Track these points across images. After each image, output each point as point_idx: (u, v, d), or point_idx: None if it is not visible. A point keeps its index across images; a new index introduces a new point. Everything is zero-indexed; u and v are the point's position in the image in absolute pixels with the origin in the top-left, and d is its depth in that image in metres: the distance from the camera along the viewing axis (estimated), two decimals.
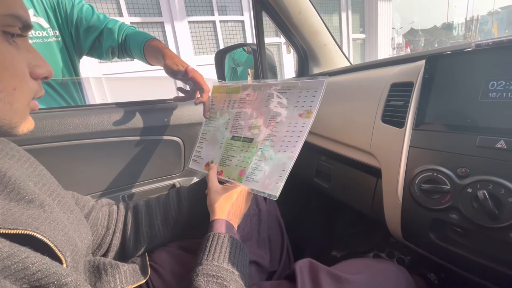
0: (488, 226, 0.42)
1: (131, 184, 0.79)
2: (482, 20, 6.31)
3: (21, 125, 0.34)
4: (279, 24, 0.92)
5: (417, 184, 0.51)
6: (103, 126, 0.70)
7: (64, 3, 0.88)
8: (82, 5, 0.90)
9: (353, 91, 0.75)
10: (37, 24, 0.83)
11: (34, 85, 0.34)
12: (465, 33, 5.96)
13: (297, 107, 0.55)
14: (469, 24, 5.88)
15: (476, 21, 5.99)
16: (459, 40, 6.04)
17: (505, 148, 0.41)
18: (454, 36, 5.90)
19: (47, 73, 0.35)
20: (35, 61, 0.34)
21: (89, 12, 0.90)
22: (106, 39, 0.90)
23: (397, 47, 4.61)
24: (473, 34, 6.03)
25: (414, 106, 0.54)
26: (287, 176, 0.50)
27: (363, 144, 0.66)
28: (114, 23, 0.92)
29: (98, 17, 0.90)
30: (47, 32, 0.86)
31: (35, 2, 0.84)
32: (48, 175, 0.45)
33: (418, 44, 5.28)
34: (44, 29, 0.85)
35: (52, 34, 0.87)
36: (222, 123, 0.67)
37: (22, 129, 0.34)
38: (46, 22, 0.86)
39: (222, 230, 0.49)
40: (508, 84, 0.42)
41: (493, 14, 6.92)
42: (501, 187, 0.40)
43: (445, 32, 6.25)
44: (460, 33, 5.92)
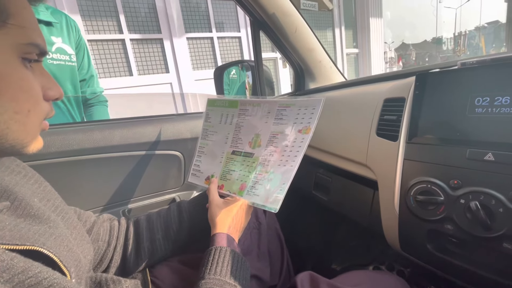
0: (481, 236, 0.43)
1: (132, 199, 0.79)
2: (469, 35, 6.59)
3: (32, 145, 0.35)
4: (275, 42, 0.96)
5: (412, 195, 0.52)
6: (105, 142, 0.71)
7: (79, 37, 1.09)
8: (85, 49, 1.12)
9: (349, 106, 0.78)
10: (63, 50, 1.01)
11: (46, 106, 0.36)
12: (454, 48, 6.20)
13: (296, 123, 0.58)
14: (457, 39, 6.13)
15: (464, 36, 6.25)
16: (449, 54, 6.27)
17: (493, 160, 0.43)
18: (444, 50, 6.13)
19: (58, 95, 0.37)
20: (48, 83, 0.36)
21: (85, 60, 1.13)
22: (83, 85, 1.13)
23: (389, 61, 4.76)
24: (462, 49, 6.27)
25: (407, 120, 0.57)
26: (287, 189, 0.52)
27: (359, 157, 0.68)
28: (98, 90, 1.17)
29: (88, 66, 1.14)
30: (70, 57, 1.03)
31: (65, 33, 1.03)
32: (52, 191, 0.46)
33: (410, 58, 5.46)
34: (67, 54, 1.02)
35: (73, 60, 1.05)
36: (221, 137, 0.68)
37: (32, 149, 0.35)
38: (71, 49, 1.04)
39: (223, 244, 0.49)
40: (492, 100, 0.45)
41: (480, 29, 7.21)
42: (491, 197, 0.42)
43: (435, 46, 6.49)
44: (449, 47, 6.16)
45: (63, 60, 0.99)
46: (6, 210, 0.33)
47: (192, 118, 0.87)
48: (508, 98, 0.43)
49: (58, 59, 0.98)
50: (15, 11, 0.31)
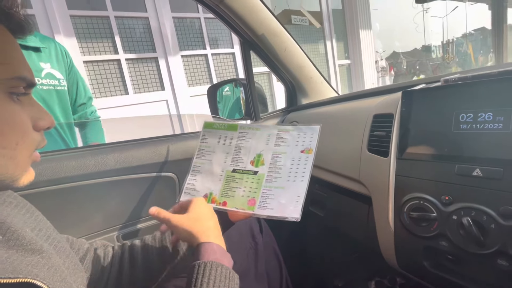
0: (476, 252, 0.43)
1: (127, 223, 0.78)
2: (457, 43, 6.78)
3: (22, 178, 0.34)
4: (266, 61, 0.99)
5: (406, 212, 0.52)
6: (98, 167, 0.71)
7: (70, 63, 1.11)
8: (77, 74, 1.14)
9: (340, 122, 0.79)
10: (52, 75, 1.01)
11: (37, 136, 0.35)
12: (443, 55, 6.37)
13: (298, 145, 0.60)
14: (446, 47, 6.31)
15: (452, 43, 6.44)
16: (439, 62, 6.43)
17: (481, 175, 0.43)
18: (433, 58, 6.29)
19: (49, 124, 0.37)
20: (38, 113, 0.35)
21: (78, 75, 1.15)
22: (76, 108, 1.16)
23: (381, 70, 4.86)
24: (451, 56, 6.43)
25: (396, 136, 0.57)
26: (304, 200, 0.53)
27: (352, 173, 0.69)
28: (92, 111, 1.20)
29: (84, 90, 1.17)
30: (59, 81, 1.04)
31: (53, 58, 1.03)
32: (44, 220, 0.46)
33: (401, 67, 5.59)
34: (57, 79, 1.03)
35: (63, 84, 1.05)
36: (220, 157, 0.68)
37: (23, 182, 0.35)
38: (60, 74, 1.05)
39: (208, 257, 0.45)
40: (476, 116, 0.46)
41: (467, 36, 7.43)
42: (483, 213, 0.42)
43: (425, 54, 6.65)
44: (438, 55, 6.32)
45: (52, 85, 1.01)
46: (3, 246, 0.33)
47: (185, 139, 0.87)
48: (490, 114, 0.44)
49: (48, 84, 0.99)
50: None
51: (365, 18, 4.42)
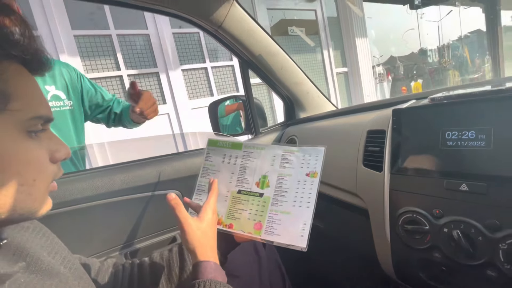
0: (466, 264, 0.45)
1: (134, 241, 0.81)
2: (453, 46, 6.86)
3: (41, 209, 0.36)
4: (264, 78, 1.03)
5: (400, 225, 0.55)
6: (106, 188, 0.74)
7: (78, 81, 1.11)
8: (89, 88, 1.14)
9: (337, 136, 0.83)
10: (56, 96, 1.03)
11: (54, 168, 0.37)
12: (439, 59, 6.44)
13: (303, 167, 0.61)
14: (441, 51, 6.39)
15: (448, 47, 6.52)
16: (435, 66, 6.50)
17: (467, 190, 0.46)
18: (430, 63, 6.36)
19: (65, 156, 0.38)
20: (55, 146, 0.37)
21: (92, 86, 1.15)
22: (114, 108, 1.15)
23: (379, 77, 4.92)
24: (447, 60, 6.50)
25: (388, 152, 0.60)
26: (311, 228, 0.54)
27: (349, 187, 0.71)
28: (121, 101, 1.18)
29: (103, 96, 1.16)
30: (63, 102, 1.05)
31: (57, 79, 1.05)
32: (59, 242, 0.48)
33: (398, 72, 5.66)
34: (61, 100, 1.04)
35: (66, 104, 1.06)
36: (225, 177, 0.68)
37: (41, 212, 0.36)
38: (64, 94, 1.06)
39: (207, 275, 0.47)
40: (460, 134, 0.49)
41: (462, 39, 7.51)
42: (471, 226, 0.45)
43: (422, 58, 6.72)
44: (434, 59, 6.40)
45: (58, 106, 1.03)
46: (23, 272, 0.36)
47: (189, 156, 0.90)
48: (473, 132, 0.47)
49: (54, 106, 1.02)
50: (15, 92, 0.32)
51: (360, 26, 4.52)
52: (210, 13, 0.78)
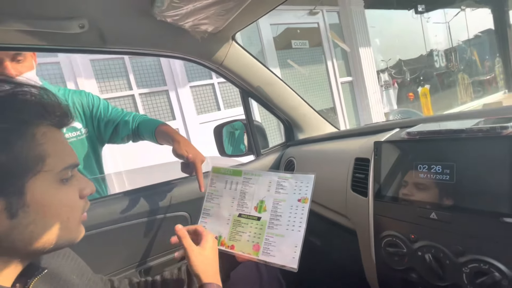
0: (438, 284, 0.51)
1: (147, 259, 0.90)
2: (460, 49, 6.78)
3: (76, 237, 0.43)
4: (263, 105, 1.11)
5: (383, 247, 0.61)
6: (123, 212, 0.83)
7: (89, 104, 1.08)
8: (100, 103, 1.10)
9: (330, 161, 0.90)
10: (73, 128, 1.03)
11: (83, 203, 0.44)
12: (447, 64, 6.37)
13: (295, 193, 0.69)
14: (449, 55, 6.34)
15: (455, 51, 6.46)
16: (443, 71, 6.43)
17: (436, 218, 0.52)
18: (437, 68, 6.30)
19: (91, 191, 0.45)
20: (82, 184, 0.44)
21: (106, 107, 1.10)
22: (122, 129, 1.07)
23: (384, 84, 4.94)
24: (455, 64, 6.44)
25: (372, 179, 0.67)
26: (301, 250, 0.62)
27: (340, 209, 0.78)
28: (128, 115, 1.10)
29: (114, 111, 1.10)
30: (80, 131, 1.05)
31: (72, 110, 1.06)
32: (84, 265, 0.57)
33: (405, 78, 5.64)
34: (77, 130, 1.04)
35: (84, 132, 1.06)
36: (227, 201, 0.76)
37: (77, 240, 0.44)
38: (79, 123, 1.06)
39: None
40: (429, 168, 0.55)
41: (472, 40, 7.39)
42: (440, 251, 0.51)
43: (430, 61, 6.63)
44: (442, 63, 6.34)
45: (75, 137, 1.03)
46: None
47: (194, 181, 0.99)
48: (440, 167, 0.54)
49: (72, 137, 1.02)
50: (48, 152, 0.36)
51: (363, 35, 4.58)
52: (211, 54, 0.88)
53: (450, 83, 6.67)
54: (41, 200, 0.37)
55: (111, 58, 2.90)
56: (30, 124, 0.37)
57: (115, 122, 1.08)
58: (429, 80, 6.22)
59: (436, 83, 6.21)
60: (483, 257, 0.46)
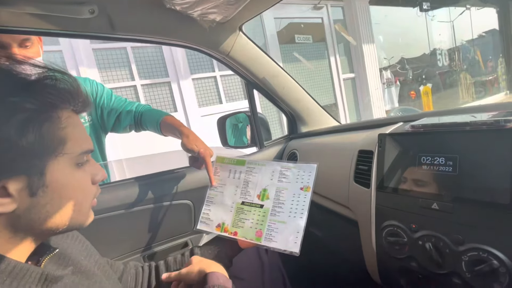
0: (437, 272, 0.53)
1: (151, 245, 0.91)
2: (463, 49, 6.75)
3: (86, 222, 0.46)
4: (268, 97, 1.12)
5: (384, 236, 0.62)
6: (128, 199, 0.85)
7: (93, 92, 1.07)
8: (103, 91, 1.09)
9: (333, 153, 0.91)
10: None
11: (94, 188, 0.46)
12: (450, 63, 6.36)
13: (298, 182, 0.71)
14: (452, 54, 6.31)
15: (458, 50, 6.43)
16: (446, 70, 6.41)
17: (437, 209, 0.54)
18: (440, 67, 6.28)
19: (103, 178, 0.47)
20: (95, 170, 0.45)
21: (109, 95, 1.09)
22: (124, 119, 1.07)
23: (386, 82, 4.93)
24: (458, 63, 6.42)
25: (375, 171, 0.68)
26: (303, 236, 0.64)
27: (342, 200, 0.79)
28: (132, 105, 1.09)
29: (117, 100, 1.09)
30: (84, 119, 1.05)
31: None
32: (91, 247, 0.58)
33: (407, 76, 5.63)
34: (82, 117, 1.02)
35: (87, 120, 1.06)
36: (231, 189, 0.78)
37: (87, 223, 0.46)
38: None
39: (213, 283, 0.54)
40: (433, 160, 0.56)
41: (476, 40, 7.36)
42: (440, 240, 0.52)
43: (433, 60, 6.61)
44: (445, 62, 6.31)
45: None
46: (71, 273, 0.46)
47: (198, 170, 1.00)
48: (443, 158, 0.55)
49: None
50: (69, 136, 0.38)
51: (367, 31, 4.56)
52: (218, 44, 0.88)
53: (452, 82, 6.67)
54: (59, 181, 0.38)
55: (114, 47, 2.89)
56: (57, 107, 0.38)
57: (118, 111, 1.07)
58: (431, 79, 6.21)
59: (438, 82, 6.20)
60: (482, 246, 0.47)
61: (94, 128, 1.10)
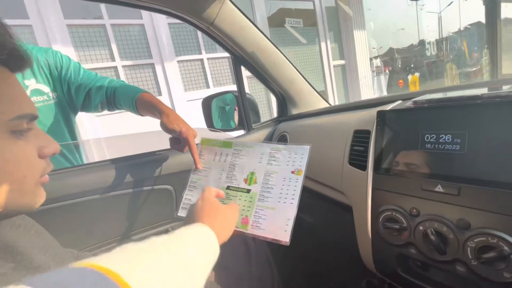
0: (438, 259, 0.48)
1: (128, 234, 0.83)
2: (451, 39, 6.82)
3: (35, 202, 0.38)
4: (256, 74, 1.04)
5: (381, 222, 0.58)
6: (99, 183, 0.76)
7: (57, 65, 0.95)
8: (70, 63, 0.97)
9: (325, 134, 0.85)
10: (38, 91, 0.92)
11: (43, 163, 0.38)
12: (437, 53, 6.42)
13: (289, 165, 0.65)
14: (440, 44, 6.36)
15: (446, 40, 6.49)
16: (433, 59, 6.48)
17: (442, 191, 0.49)
18: (428, 56, 6.33)
19: (54, 151, 0.39)
20: (43, 142, 0.38)
21: (77, 69, 0.98)
22: (95, 95, 0.96)
23: (376, 69, 4.91)
24: (445, 53, 6.50)
25: (372, 152, 0.63)
26: (294, 223, 0.58)
27: (335, 184, 0.74)
28: (103, 80, 0.98)
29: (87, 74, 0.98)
30: (47, 96, 0.94)
31: (36, 71, 0.92)
32: (51, 238, 0.50)
33: (396, 65, 5.64)
34: (44, 94, 0.93)
35: (52, 96, 0.95)
36: (215, 173, 0.72)
37: (36, 205, 0.38)
38: (47, 87, 0.94)
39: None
40: (438, 138, 0.51)
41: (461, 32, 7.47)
42: (443, 225, 0.48)
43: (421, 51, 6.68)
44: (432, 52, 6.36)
45: (41, 101, 0.91)
46: (11, 271, 0.38)
47: (180, 153, 0.92)
48: (450, 136, 0.49)
49: (37, 102, 0.90)
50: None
51: (359, 18, 4.47)
52: (202, 11, 0.78)
53: (438, 72, 6.76)
54: None
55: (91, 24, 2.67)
56: None
57: (88, 87, 0.96)
58: (419, 68, 6.26)
59: (425, 71, 6.27)
60: (491, 231, 0.42)
61: (60, 106, 0.99)
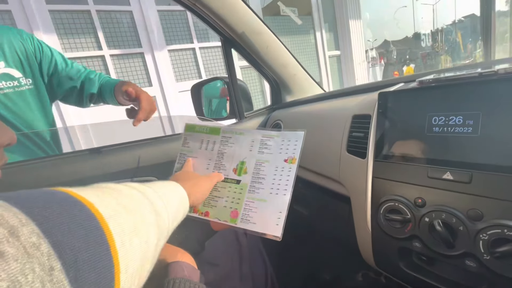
0: (446, 254, 0.44)
1: None
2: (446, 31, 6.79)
3: None
4: (248, 59, 0.97)
5: (382, 213, 0.53)
6: (74, 175, 0.69)
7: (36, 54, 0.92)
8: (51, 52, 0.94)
9: (321, 121, 0.79)
10: (7, 75, 0.86)
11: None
12: (432, 44, 6.39)
13: (281, 153, 0.60)
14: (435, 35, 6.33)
15: (441, 32, 6.46)
16: (428, 51, 6.46)
17: (451, 179, 0.44)
18: (423, 47, 6.30)
19: (8, 141, 0.36)
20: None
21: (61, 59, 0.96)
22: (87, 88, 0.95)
23: (371, 61, 4.86)
24: (440, 44, 6.47)
25: (373, 138, 0.58)
26: (286, 217, 0.53)
27: (332, 174, 0.69)
28: (93, 73, 0.98)
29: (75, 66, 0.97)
30: (18, 81, 0.88)
31: (7, 54, 0.86)
32: None
33: (391, 56, 5.60)
34: (15, 79, 0.87)
35: (24, 83, 0.90)
36: (202, 163, 0.67)
37: None
38: (18, 71, 0.89)
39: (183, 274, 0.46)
40: (447, 120, 0.46)
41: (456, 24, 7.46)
42: (452, 216, 0.43)
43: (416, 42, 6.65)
44: (427, 44, 6.34)
45: (12, 87, 0.86)
46: None
47: (166, 142, 0.86)
48: (461, 117, 0.44)
49: (8, 87, 0.85)
50: None
51: (355, 7, 4.39)
52: None
53: (433, 64, 6.75)
54: None
55: (75, 10, 2.53)
56: None
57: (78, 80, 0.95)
58: (414, 60, 6.23)
59: (420, 63, 6.24)
60: (507, 222, 0.38)
61: (37, 95, 0.95)
